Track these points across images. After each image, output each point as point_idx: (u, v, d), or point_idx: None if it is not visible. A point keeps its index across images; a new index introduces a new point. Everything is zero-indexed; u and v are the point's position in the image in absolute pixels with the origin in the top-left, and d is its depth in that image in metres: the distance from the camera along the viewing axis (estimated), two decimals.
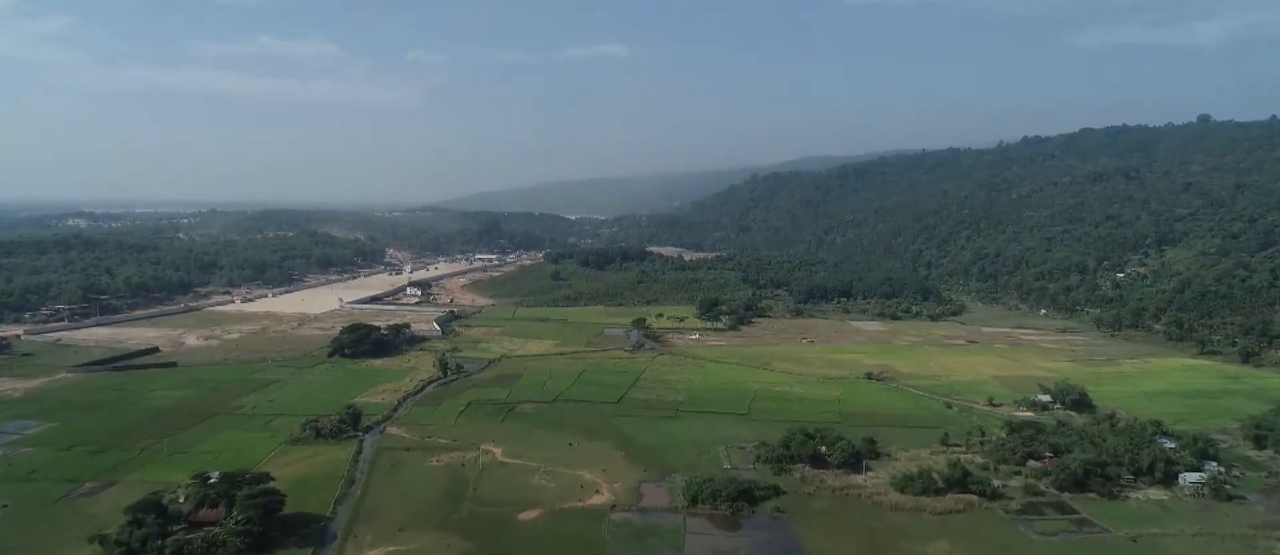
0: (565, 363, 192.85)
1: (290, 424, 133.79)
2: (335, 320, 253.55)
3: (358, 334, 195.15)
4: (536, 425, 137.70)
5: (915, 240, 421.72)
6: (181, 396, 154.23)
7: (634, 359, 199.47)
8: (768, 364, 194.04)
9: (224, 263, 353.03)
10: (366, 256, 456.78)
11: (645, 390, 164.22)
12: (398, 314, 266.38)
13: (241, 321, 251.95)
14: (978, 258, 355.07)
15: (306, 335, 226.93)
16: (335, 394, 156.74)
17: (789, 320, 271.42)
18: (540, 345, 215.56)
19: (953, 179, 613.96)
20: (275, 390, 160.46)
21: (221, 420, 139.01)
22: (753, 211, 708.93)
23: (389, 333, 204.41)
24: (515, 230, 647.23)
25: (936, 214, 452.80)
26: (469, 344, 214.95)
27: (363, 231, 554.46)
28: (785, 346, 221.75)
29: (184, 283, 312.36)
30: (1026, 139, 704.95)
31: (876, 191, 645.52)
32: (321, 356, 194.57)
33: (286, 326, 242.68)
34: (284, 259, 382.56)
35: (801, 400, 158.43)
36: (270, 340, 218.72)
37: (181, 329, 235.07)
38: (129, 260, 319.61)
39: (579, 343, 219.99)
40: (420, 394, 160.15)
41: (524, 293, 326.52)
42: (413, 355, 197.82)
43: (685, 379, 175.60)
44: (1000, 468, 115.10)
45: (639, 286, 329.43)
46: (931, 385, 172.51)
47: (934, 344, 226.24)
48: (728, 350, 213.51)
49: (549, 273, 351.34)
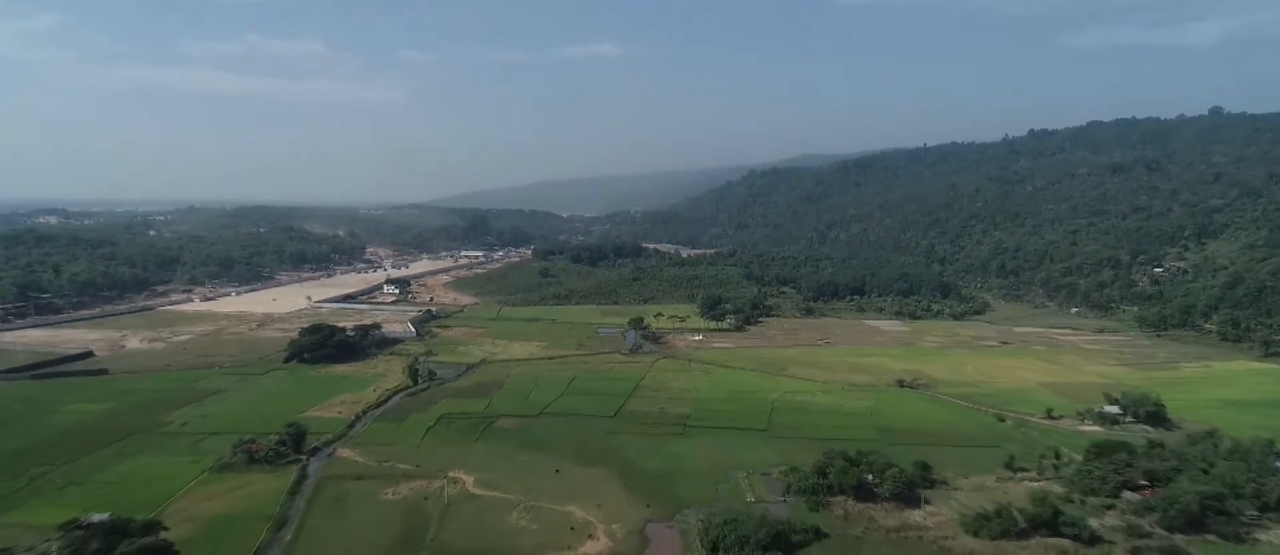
0: (553, 368, 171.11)
1: (223, 445, 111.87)
2: (301, 321, 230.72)
3: (319, 336, 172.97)
4: (517, 446, 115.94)
5: (926, 235, 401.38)
6: (100, 411, 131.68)
7: (632, 363, 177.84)
8: (783, 369, 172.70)
9: (187, 259, 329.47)
10: (345, 253, 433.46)
11: (646, 401, 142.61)
12: (371, 314, 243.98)
13: (196, 322, 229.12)
14: (996, 252, 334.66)
15: (266, 337, 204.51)
16: (285, 407, 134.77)
17: (800, 319, 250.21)
18: (526, 348, 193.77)
19: (959, 173, 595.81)
20: (215, 402, 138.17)
21: (140, 441, 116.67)
22: (750, 207, 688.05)
23: (355, 334, 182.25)
24: (504, 227, 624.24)
25: (947, 208, 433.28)
26: (446, 347, 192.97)
27: (344, 228, 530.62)
28: (800, 349, 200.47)
29: (140, 281, 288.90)
30: (1032, 132, 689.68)
31: (879, 186, 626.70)
32: (277, 361, 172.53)
33: (245, 327, 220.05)
34: (253, 255, 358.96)
35: (828, 412, 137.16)
36: (224, 343, 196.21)
37: (127, 330, 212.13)
38: (81, 256, 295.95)
39: (569, 345, 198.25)
40: (384, 406, 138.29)
41: (510, 291, 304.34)
42: (381, 360, 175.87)
43: (691, 387, 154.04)
44: (1086, 500, 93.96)
45: (634, 284, 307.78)
46: (973, 394, 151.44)
47: (964, 346, 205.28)
48: (736, 353, 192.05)
49: (537, 270, 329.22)
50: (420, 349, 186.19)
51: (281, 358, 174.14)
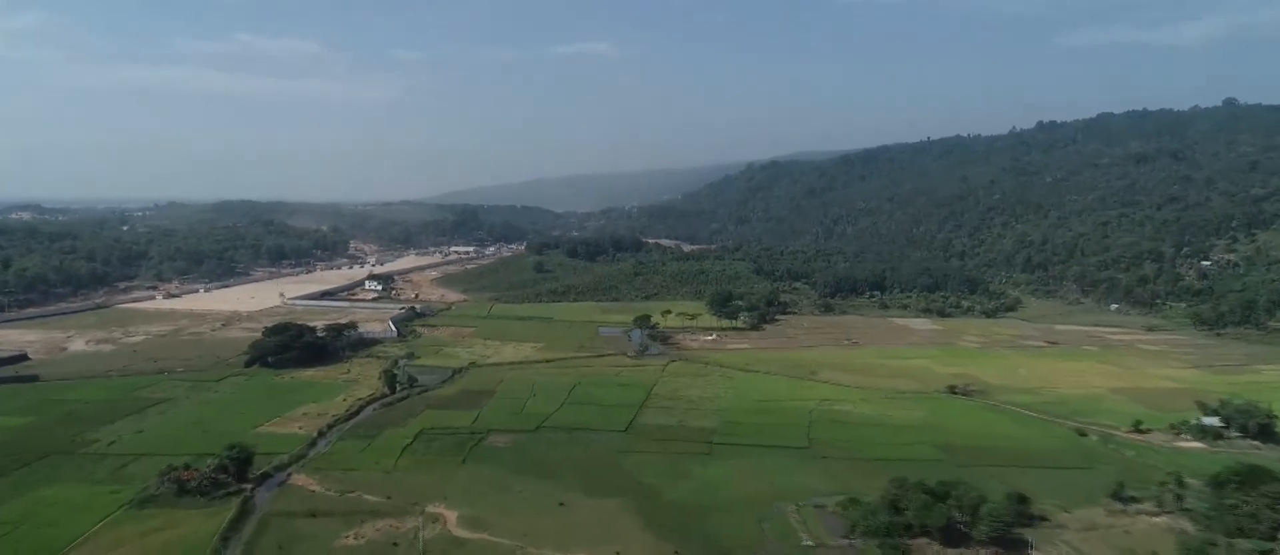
0: (552, 373, 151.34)
1: (152, 470, 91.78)
2: (271, 319, 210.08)
3: (285, 336, 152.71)
4: (512, 469, 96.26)
5: (942, 228, 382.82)
6: (16, 427, 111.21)
7: (640, 367, 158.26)
8: (814, 373, 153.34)
9: (154, 254, 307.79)
10: (327, 248, 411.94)
11: (661, 412, 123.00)
12: (350, 311, 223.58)
13: (156, 321, 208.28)
14: (1020, 246, 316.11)
15: (229, 337, 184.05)
16: (237, 420, 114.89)
17: (818, 317, 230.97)
18: (519, 350, 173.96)
19: (967, 165, 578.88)
20: (155, 416, 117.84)
21: (56, 465, 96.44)
22: (751, 202, 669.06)
23: (327, 334, 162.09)
24: (495, 222, 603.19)
25: (961, 200, 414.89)
26: (430, 348, 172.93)
27: (328, 223, 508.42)
28: (826, 350, 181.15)
29: (100, 276, 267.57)
30: (1041, 124, 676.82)
31: (884, 179, 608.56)
32: (238, 366, 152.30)
33: (207, 327, 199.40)
34: (227, 250, 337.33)
35: (876, 426, 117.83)
36: (181, 345, 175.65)
37: (74, 330, 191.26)
38: (36, 250, 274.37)
39: (568, 346, 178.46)
40: (354, 420, 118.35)
41: (502, 287, 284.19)
42: (356, 363, 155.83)
43: (712, 395, 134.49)
44: (1234, 543, 74.80)
45: (636, 279, 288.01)
46: (1037, 402, 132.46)
47: (1007, 346, 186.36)
48: (756, 355, 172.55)
49: (531, 264, 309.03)
50: (401, 351, 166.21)
51: (242, 362, 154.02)
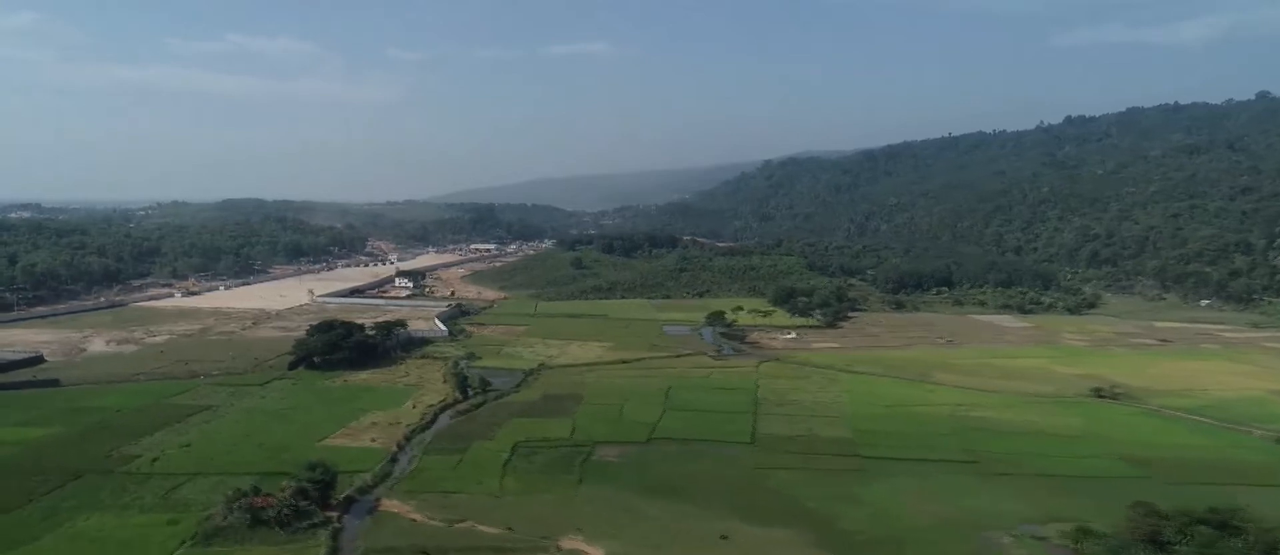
0: (635, 376, 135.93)
1: (210, 494, 76.84)
2: (303, 318, 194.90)
3: (333, 335, 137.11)
4: (639, 490, 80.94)
5: (990, 223, 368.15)
6: (40, 439, 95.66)
7: (729, 368, 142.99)
8: (926, 375, 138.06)
9: (167, 250, 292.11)
10: (344, 246, 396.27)
11: (781, 420, 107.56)
12: (386, 309, 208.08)
13: (177, 320, 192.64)
14: (1084, 239, 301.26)
15: (261, 337, 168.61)
16: (296, 431, 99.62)
17: (892, 314, 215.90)
18: (585, 349, 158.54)
19: (997, 160, 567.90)
20: (199, 426, 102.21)
21: (93, 487, 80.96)
22: (773, 199, 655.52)
23: (377, 333, 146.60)
24: (511, 220, 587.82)
25: (1004, 194, 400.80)
26: (488, 348, 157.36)
27: (340, 221, 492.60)
28: (920, 349, 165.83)
29: (112, 273, 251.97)
30: (1069, 119, 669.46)
31: (913, 175, 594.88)
32: (280, 368, 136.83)
33: (236, 326, 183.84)
34: (242, 246, 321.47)
35: (1036, 435, 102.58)
36: (210, 345, 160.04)
37: (91, 329, 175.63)
38: (43, 245, 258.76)
39: (639, 346, 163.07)
40: (431, 429, 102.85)
41: (541, 284, 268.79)
42: (412, 365, 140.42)
43: (828, 400, 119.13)
44: None
45: (681, 275, 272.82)
46: (1197, 406, 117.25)
47: (1119, 345, 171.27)
48: (849, 355, 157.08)
49: (568, 261, 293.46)
50: (457, 351, 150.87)
51: (284, 363, 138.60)
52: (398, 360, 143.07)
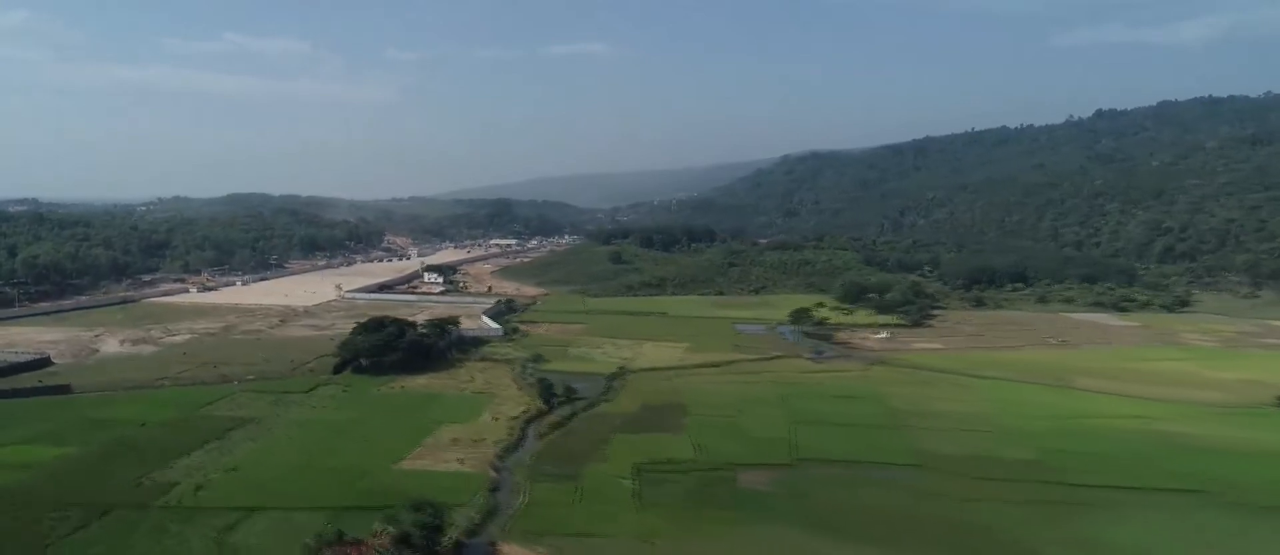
0: (732, 381, 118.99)
1: (274, 537, 60.23)
2: (335, 315, 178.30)
3: (384, 334, 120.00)
4: (815, 530, 64.33)
5: (1043, 217, 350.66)
6: (54, 461, 78.73)
7: (835, 373, 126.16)
8: (1065, 380, 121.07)
9: (177, 243, 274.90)
10: (359, 240, 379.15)
11: (934, 436, 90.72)
12: (421, 306, 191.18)
13: (196, 317, 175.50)
14: (1154, 233, 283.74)
15: (293, 336, 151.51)
16: (363, 451, 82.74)
17: (973, 311, 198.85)
18: (660, 350, 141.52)
19: (1033, 154, 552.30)
20: (244, 444, 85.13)
21: (124, 526, 64.14)
22: (796, 194, 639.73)
23: (431, 332, 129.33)
24: (529, 216, 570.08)
25: (1053, 188, 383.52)
26: (550, 349, 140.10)
27: (352, 215, 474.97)
28: (1032, 351, 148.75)
29: (120, 266, 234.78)
30: (1100, 112, 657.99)
31: (942, 170, 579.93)
32: (322, 371, 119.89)
33: (262, 324, 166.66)
34: (258, 239, 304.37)
35: (1257, 456, 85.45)
36: (237, 345, 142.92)
37: (102, 328, 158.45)
38: (46, 237, 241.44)
39: (717, 346, 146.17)
40: (523, 447, 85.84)
41: (581, 279, 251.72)
42: (473, 368, 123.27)
43: (972, 411, 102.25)
44: None
45: (731, 270, 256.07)
46: None
47: (1252, 345, 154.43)
48: (957, 357, 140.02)
49: (606, 255, 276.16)
50: (519, 352, 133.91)
51: (326, 366, 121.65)
52: (455, 363, 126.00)
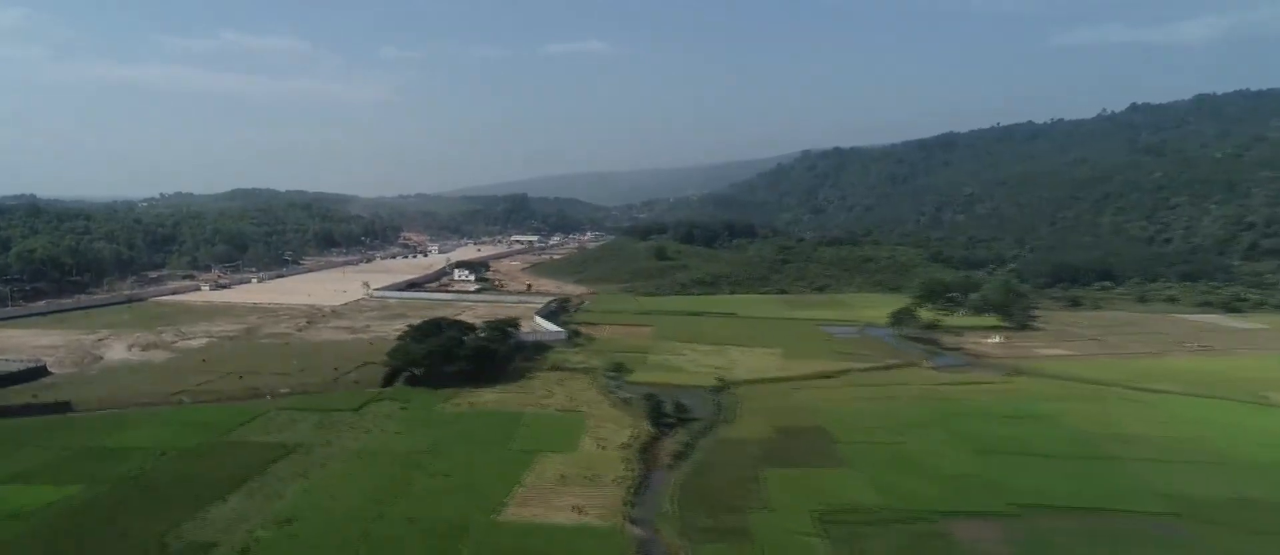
0: (864, 396, 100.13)
1: None
2: (368, 316, 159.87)
3: (443, 339, 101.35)
4: None
5: (1101, 211, 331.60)
6: (52, 507, 60.15)
7: (974, 384, 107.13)
8: (1259, 395, 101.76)
9: (185, 237, 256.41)
10: (375, 236, 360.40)
11: (1156, 469, 72.35)
12: (456, 305, 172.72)
13: (211, 317, 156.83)
14: (1236, 228, 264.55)
15: (325, 340, 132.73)
16: (451, 494, 63.95)
17: (1074, 312, 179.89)
18: (752, 357, 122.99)
19: (1068, 148, 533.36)
20: (294, 484, 66.37)
21: None
22: (822, 190, 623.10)
23: (491, 336, 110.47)
24: (547, 212, 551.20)
25: (1105, 181, 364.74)
26: (626, 355, 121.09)
27: (365, 211, 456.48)
28: (1177, 358, 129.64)
29: (126, 262, 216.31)
30: (1135, 106, 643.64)
31: (975, 165, 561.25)
32: (368, 382, 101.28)
33: (287, 326, 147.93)
34: (271, 234, 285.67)
35: None
36: (262, 351, 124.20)
37: (107, 330, 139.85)
38: (43, 230, 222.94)
39: (815, 353, 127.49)
40: (646, 484, 67.24)
41: (625, 276, 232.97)
42: (546, 379, 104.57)
43: (1180, 436, 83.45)
44: None
45: (785, 267, 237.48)
46: None
47: None
48: (1095, 364, 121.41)
49: (649, 251, 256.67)
50: (592, 359, 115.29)
51: (372, 376, 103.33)
52: (524, 373, 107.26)
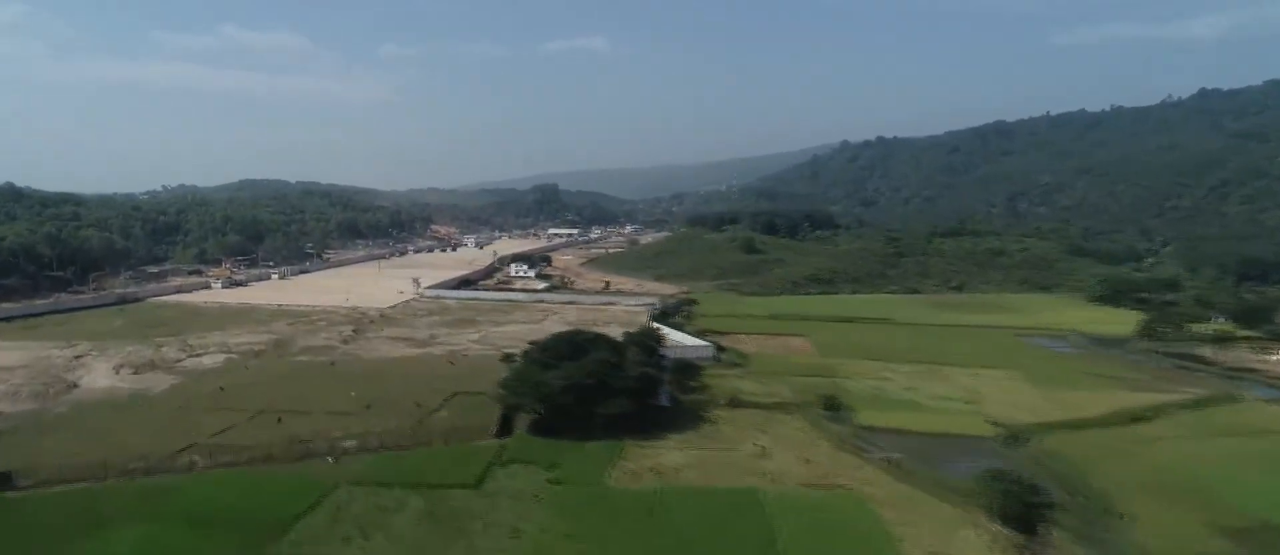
0: (1234, 452, 64.56)
1: None
2: (430, 323, 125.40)
3: (590, 365, 65.96)
4: None
5: (1225, 200, 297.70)
6: None
7: None
8: None
9: (191, 226, 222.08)
10: (403, 228, 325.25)
11: None
12: (528, 306, 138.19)
13: (227, 324, 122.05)
14: None
15: (385, 357, 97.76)
16: None
17: None
18: (988, 384, 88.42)
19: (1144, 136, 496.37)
20: None
21: None
22: (869, 181, 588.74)
23: (644, 359, 75.38)
24: (580, 204, 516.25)
25: (1215, 166, 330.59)
26: (806, 379, 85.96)
27: (386, 202, 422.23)
28: None
29: (120, 253, 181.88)
30: (1203, 92, 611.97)
31: (1041, 154, 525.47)
32: (469, 425, 66.10)
33: (328, 335, 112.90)
34: (289, 223, 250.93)
35: None
36: (302, 373, 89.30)
37: (90, 342, 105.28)
38: (22, 216, 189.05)
39: (1069, 380, 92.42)
40: None
41: (714, 272, 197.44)
42: (728, 420, 69.50)
43: None
44: None
45: (901, 261, 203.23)
46: None
47: None
48: None
49: (734, 243, 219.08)
50: (775, 388, 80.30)
51: (468, 412, 68.50)
52: (695, 411, 72.33)
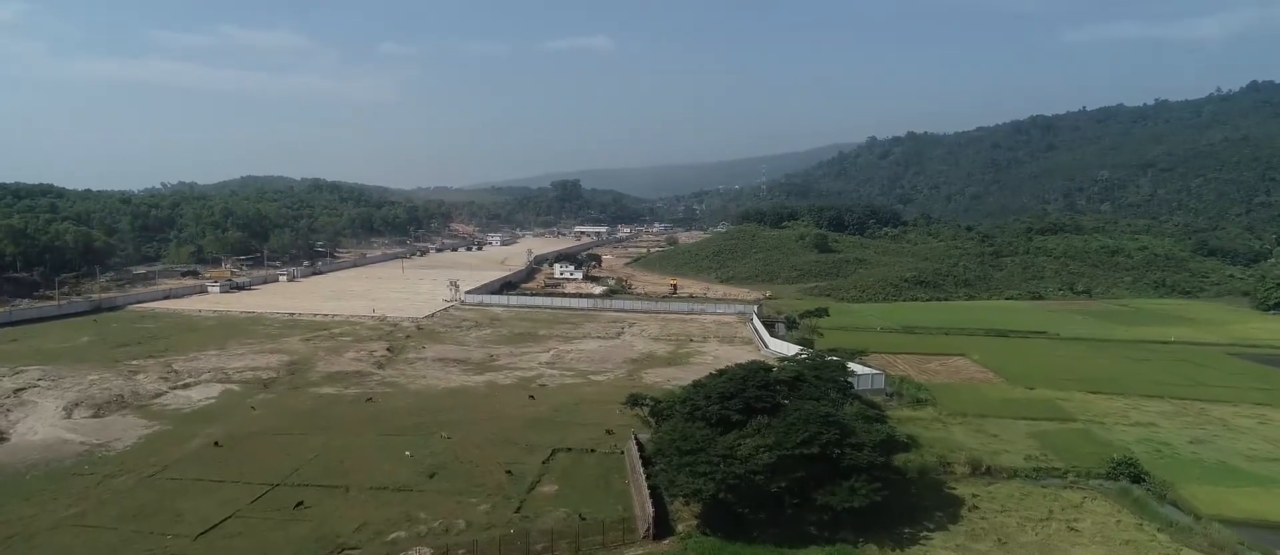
0: None
1: None
2: (480, 338, 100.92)
3: (808, 427, 40.35)
4: None
5: None
6: None
7: None
8: None
9: (186, 221, 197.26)
10: (420, 225, 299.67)
11: None
12: (585, 312, 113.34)
13: (226, 340, 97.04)
14: None
15: (434, 388, 72.86)
16: None
17: None
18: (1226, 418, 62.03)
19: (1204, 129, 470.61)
20: None
21: None
22: (905, 178, 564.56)
23: (866, 412, 49.93)
24: (603, 202, 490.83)
25: None
26: (1030, 424, 60.50)
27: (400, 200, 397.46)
28: None
29: (99, 251, 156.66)
30: (1255, 84, 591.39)
31: (1090, 149, 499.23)
32: (599, 520, 40.57)
33: (356, 355, 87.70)
34: (297, 218, 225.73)
35: None
36: (328, 416, 64.30)
37: (40, 368, 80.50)
38: None
39: None
40: None
41: (788, 273, 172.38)
42: (990, 508, 43.81)
43: None
44: None
45: (997, 261, 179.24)
46: None
47: None
48: None
49: (805, 241, 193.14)
50: (998, 438, 54.81)
51: (584, 480, 43.19)
52: (940, 487, 47.12)
